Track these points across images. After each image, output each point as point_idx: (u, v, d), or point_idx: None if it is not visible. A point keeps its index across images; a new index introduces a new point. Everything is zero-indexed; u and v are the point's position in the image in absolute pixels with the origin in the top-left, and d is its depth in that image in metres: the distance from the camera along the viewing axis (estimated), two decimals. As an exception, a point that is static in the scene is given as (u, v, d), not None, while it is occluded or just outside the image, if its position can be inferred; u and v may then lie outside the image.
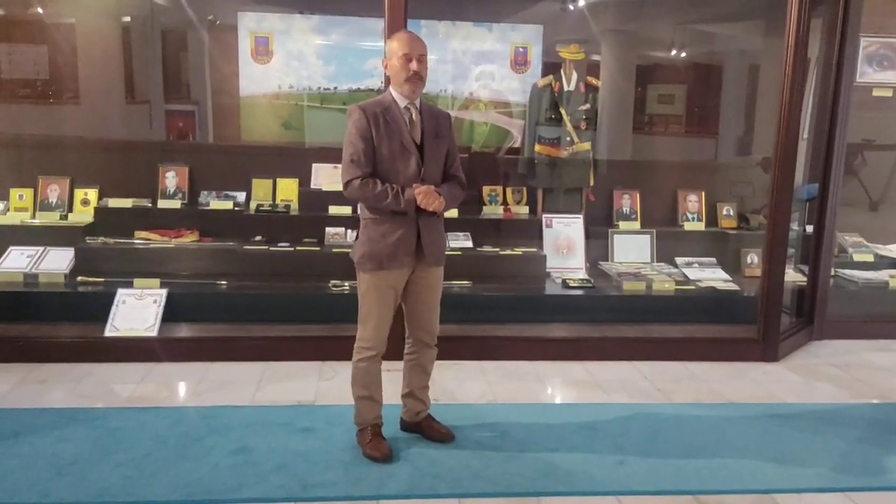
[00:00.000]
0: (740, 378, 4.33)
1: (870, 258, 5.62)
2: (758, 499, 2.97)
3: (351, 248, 3.20)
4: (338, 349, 4.30)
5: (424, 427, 3.38)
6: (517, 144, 6.17)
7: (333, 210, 5.32)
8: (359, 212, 3.14)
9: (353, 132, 3.01)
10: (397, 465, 3.12)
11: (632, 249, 5.73)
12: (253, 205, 5.41)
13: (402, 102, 3.08)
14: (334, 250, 5.12)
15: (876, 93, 5.28)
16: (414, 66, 3.01)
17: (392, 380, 3.37)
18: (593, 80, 5.76)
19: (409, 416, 3.40)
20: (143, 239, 5.15)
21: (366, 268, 3.06)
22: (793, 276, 5.25)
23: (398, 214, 3.02)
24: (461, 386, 4.05)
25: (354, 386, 3.20)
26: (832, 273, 5.22)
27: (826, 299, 5.12)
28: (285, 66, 5.97)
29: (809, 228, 5.25)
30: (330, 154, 5.66)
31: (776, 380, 4.33)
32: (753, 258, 5.64)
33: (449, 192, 3.11)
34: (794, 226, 5.06)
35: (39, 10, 6.13)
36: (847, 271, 5.49)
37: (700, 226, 5.94)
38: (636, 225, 5.87)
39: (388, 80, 4.07)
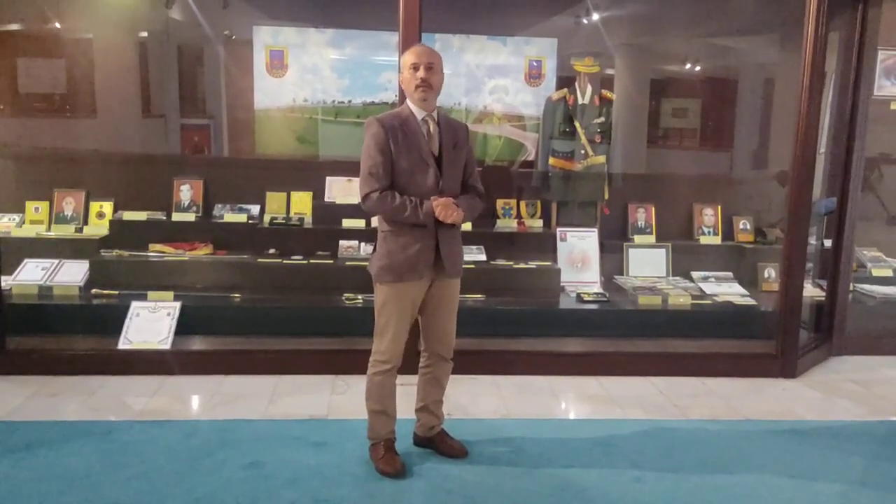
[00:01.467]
0: (758, 394, 4.27)
1: (888, 273, 5.56)
2: (777, 518, 2.92)
3: (367, 261, 3.19)
4: (351, 363, 4.29)
5: (438, 442, 3.34)
6: (531, 158, 6.15)
7: (347, 223, 5.32)
8: (376, 224, 3.14)
9: (371, 145, 2.99)
10: (411, 481, 3.09)
11: (647, 263, 5.69)
12: (267, 218, 5.42)
13: (419, 114, 3.06)
14: (348, 263, 5.11)
15: (894, 106, 5.23)
16: (422, 73, 3.00)
17: (406, 394, 3.34)
18: (608, 94, 5.74)
19: (422, 430, 3.36)
20: (158, 252, 5.17)
21: (384, 280, 3.04)
22: (811, 290, 5.19)
23: (417, 227, 3.00)
24: (475, 401, 4.02)
25: (369, 400, 3.17)
26: (851, 288, 5.16)
27: (845, 314, 5.05)
28: (300, 80, 5.99)
29: (827, 243, 5.19)
30: (344, 167, 5.68)
31: (794, 396, 4.27)
32: (771, 273, 5.58)
33: (468, 203, 3.10)
34: (812, 240, 5.01)
35: (57, 24, 6.18)
36: (866, 286, 5.43)
37: (716, 240, 5.89)
38: (651, 239, 5.82)
39: (402, 94, 4.09)
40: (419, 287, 3.08)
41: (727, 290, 5.40)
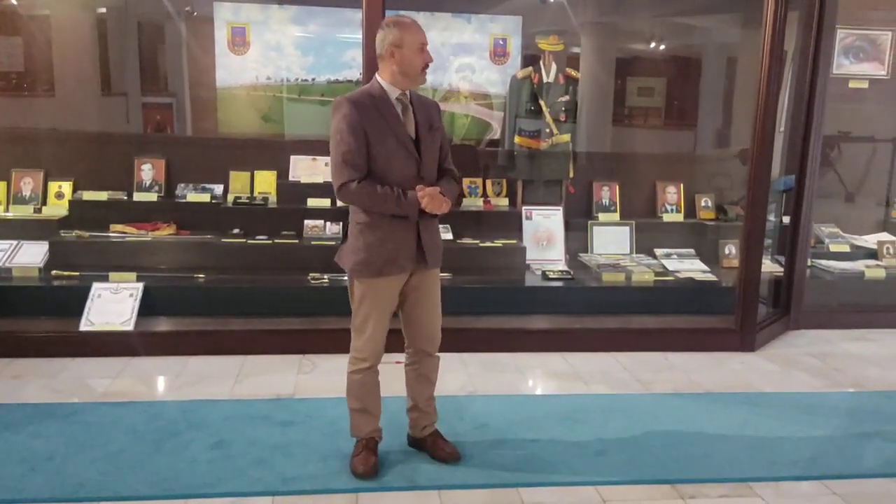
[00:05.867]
0: (718, 368, 4.36)
1: (846, 248, 5.68)
2: (735, 487, 2.99)
3: (332, 241, 3.08)
4: (317, 342, 4.30)
5: (430, 445, 3.14)
6: (497, 136, 6.16)
7: (312, 202, 5.28)
8: (350, 215, 2.92)
9: (343, 128, 2.72)
10: (380, 456, 3.09)
11: (611, 241, 5.75)
12: (230, 197, 5.37)
13: (393, 94, 2.81)
14: (313, 243, 5.09)
15: (852, 84, 5.33)
16: (427, 54, 2.81)
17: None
18: (572, 72, 5.76)
19: (414, 430, 3.18)
20: (119, 232, 5.09)
21: (363, 275, 2.83)
22: (770, 266, 5.29)
23: (397, 218, 2.79)
24: (441, 378, 3.97)
25: (349, 398, 3.00)
26: (808, 263, 5.27)
27: (802, 289, 5.16)
28: (262, 58, 5.91)
29: (786, 219, 5.29)
30: (308, 146, 5.63)
31: (753, 369, 4.37)
32: (731, 249, 5.67)
33: (448, 189, 2.90)
34: (771, 217, 5.10)
35: (14, 1, 6.02)
36: (823, 262, 5.54)
37: (679, 217, 5.96)
38: (615, 216, 5.88)
39: (371, 72, 4.03)
40: (399, 280, 2.89)
41: (689, 266, 5.48)
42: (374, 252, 2.81)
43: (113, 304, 4.40)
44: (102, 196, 5.24)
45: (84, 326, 4.30)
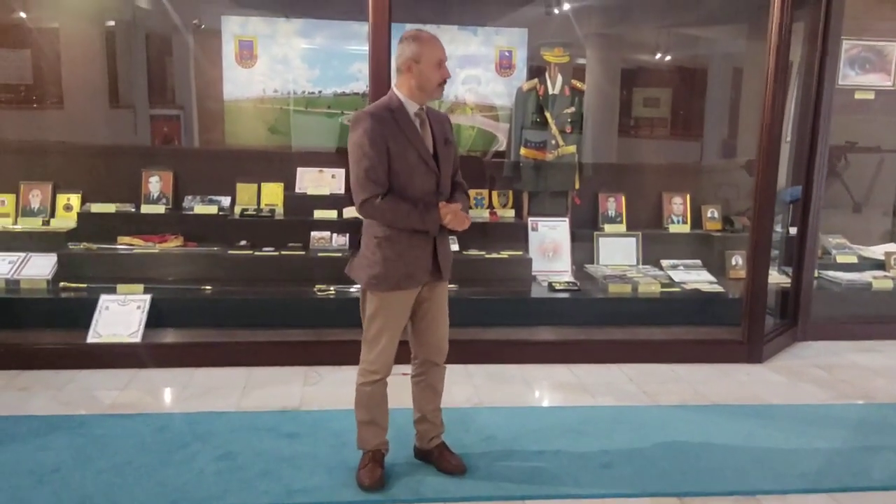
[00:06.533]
0: (725, 380, 4.34)
1: (853, 260, 5.66)
2: (742, 500, 2.98)
3: (339, 252, 3.07)
4: (323, 354, 4.31)
5: (436, 457, 3.13)
6: (503, 148, 6.18)
7: (318, 214, 5.30)
8: (364, 228, 2.90)
9: (365, 143, 2.71)
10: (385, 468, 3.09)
11: (617, 252, 5.75)
12: (237, 209, 5.39)
13: (411, 108, 2.81)
14: (319, 255, 5.10)
15: (858, 95, 5.32)
16: (445, 69, 2.82)
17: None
18: (578, 84, 5.78)
19: (421, 442, 3.18)
20: (127, 244, 5.12)
21: (379, 289, 2.83)
22: (777, 277, 5.28)
23: (417, 232, 2.81)
24: (447, 389, 3.97)
25: (357, 409, 2.99)
26: (816, 275, 5.25)
27: (810, 301, 5.15)
28: (270, 71, 5.94)
29: (793, 230, 5.27)
30: (314, 158, 5.66)
31: (760, 381, 4.35)
32: (738, 260, 5.66)
33: (465, 206, 2.93)
34: (778, 228, 5.09)
35: (23, 14, 6.07)
36: (830, 273, 5.52)
37: (685, 228, 5.96)
38: (622, 228, 5.88)
39: (377, 84, 4.04)
40: (413, 293, 2.90)
41: (695, 277, 5.47)
42: (391, 266, 2.81)
43: (120, 316, 4.42)
44: (110, 208, 5.27)
45: (91, 338, 4.32)
